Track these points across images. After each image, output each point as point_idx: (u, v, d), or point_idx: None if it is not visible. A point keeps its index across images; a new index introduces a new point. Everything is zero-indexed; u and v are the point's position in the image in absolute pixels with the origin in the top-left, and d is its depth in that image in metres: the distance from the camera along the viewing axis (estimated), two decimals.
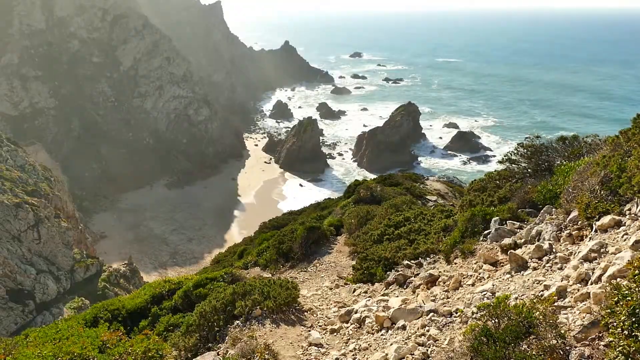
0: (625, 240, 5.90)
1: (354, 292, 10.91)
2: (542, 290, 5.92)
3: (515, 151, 14.29)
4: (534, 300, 5.23)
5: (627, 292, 3.69)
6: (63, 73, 79.82)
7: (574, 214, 7.64)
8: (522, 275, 6.93)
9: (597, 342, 4.27)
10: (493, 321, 4.87)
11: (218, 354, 7.30)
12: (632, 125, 8.78)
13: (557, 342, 4.31)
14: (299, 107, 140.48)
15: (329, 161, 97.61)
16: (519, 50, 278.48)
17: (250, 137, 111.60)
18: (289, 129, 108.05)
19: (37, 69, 76.36)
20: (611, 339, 3.65)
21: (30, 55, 76.76)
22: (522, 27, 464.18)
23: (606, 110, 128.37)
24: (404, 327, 7.08)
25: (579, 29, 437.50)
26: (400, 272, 10.29)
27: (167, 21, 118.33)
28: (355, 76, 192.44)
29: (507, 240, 8.49)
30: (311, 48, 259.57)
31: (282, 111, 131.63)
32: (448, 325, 6.49)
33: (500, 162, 15.22)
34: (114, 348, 7.32)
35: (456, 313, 6.66)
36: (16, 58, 74.53)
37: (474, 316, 5.96)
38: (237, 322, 8.58)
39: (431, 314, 7.01)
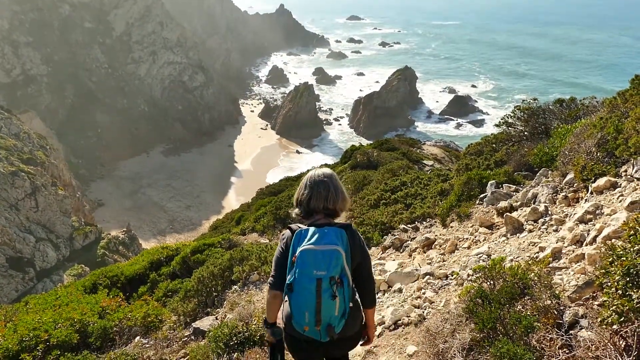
0: (620, 201, 5.90)
1: None
2: (538, 252, 5.95)
3: (512, 114, 14.20)
4: (529, 262, 5.26)
5: (621, 252, 3.70)
6: (55, 39, 78.46)
7: (570, 176, 7.63)
8: (518, 237, 6.95)
9: (591, 302, 4.30)
10: (488, 283, 4.90)
11: (217, 318, 7.38)
12: (629, 87, 8.71)
13: (552, 302, 4.35)
14: (295, 72, 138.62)
15: (326, 127, 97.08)
16: (520, 15, 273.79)
17: (246, 103, 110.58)
18: (285, 95, 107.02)
19: (28, 35, 74.99)
20: (605, 298, 3.67)
21: (21, 20, 75.28)
22: None
23: (606, 78, 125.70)
24: (400, 290, 7.14)
25: None
26: (397, 236, 10.33)
27: None
28: (351, 40, 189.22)
29: (503, 204, 8.49)
30: (307, 11, 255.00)
31: (277, 76, 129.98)
32: (444, 288, 6.54)
33: (496, 125, 15.16)
34: (113, 314, 7.40)
35: (452, 275, 6.70)
36: (6, 24, 73.14)
37: (469, 278, 6.00)
38: (235, 287, 8.66)
39: (427, 276, 7.05)
